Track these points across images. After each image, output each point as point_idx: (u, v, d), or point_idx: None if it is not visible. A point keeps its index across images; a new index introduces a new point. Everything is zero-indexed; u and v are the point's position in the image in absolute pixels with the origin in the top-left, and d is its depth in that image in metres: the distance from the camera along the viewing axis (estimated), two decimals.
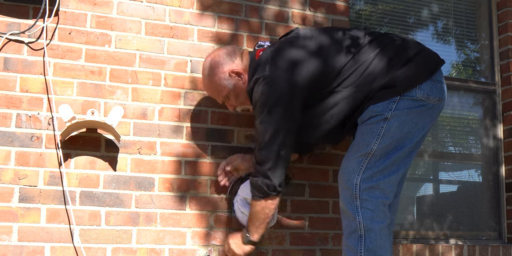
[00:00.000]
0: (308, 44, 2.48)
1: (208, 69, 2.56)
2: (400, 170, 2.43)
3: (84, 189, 2.56)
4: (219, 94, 2.59)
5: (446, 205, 3.55)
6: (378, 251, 2.35)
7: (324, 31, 2.58)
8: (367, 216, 2.36)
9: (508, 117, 3.56)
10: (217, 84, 2.56)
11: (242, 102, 2.59)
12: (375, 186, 2.38)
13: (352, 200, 2.38)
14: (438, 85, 2.45)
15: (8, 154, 2.49)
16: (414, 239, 3.32)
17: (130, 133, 2.67)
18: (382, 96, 2.38)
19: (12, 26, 2.57)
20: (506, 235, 3.49)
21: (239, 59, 2.56)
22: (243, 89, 2.54)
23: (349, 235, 2.40)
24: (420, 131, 2.44)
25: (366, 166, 2.38)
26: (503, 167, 3.56)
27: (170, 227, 2.66)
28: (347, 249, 2.41)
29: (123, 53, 2.71)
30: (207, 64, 2.58)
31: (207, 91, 2.66)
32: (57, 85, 2.59)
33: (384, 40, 2.50)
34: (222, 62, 2.54)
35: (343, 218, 2.45)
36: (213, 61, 2.56)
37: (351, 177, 2.39)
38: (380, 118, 2.38)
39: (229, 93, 2.56)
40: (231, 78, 2.54)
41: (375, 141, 2.38)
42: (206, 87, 2.64)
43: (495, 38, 3.67)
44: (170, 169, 2.70)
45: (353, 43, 2.47)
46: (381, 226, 2.37)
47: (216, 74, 2.54)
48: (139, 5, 2.76)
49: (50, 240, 2.49)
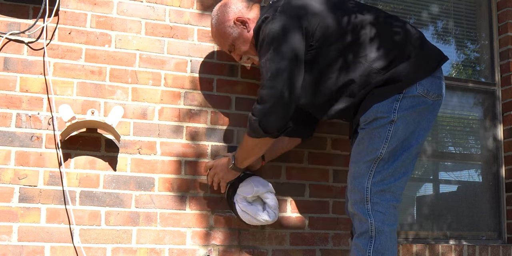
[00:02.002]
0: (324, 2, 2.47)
1: (215, 16, 2.58)
2: (409, 171, 2.42)
3: (84, 189, 2.56)
4: (225, 43, 2.59)
5: (446, 205, 3.55)
6: (386, 253, 2.34)
7: None
8: (378, 218, 2.34)
9: (508, 117, 3.56)
10: (222, 32, 2.56)
11: (246, 51, 2.58)
12: (386, 189, 2.37)
13: (363, 203, 2.37)
14: (437, 81, 2.44)
15: (8, 154, 2.49)
16: (414, 239, 3.32)
17: (130, 133, 2.67)
18: (385, 92, 2.36)
19: (12, 26, 2.57)
20: (506, 235, 3.49)
21: (247, 8, 2.56)
22: (248, 38, 2.53)
23: (359, 235, 2.39)
24: (424, 130, 2.43)
25: (376, 170, 2.37)
26: (503, 167, 3.56)
27: (170, 227, 2.66)
28: (355, 248, 2.40)
29: (123, 53, 2.71)
30: (215, 12, 2.59)
31: (214, 40, 2.68)
32: (57, 85, 2.59)
33: (389, 28, 2.47)
34: (229, 10, 2.55)
35: (354, 220, 2.43)
36: (220, 9, 2.58)
37: (362, 181, 2.37)
38: (387, 121, 2.36)
39: (234, 42, 2.56)
40: (236, 26, 2.54)
41: (384, 145, 2.36)
42: (213, 35, 2.65)
43: (495, 38, 3.67)
44: (170, 169, 2.70)
45: (360, 24, 2.44)
46: (392, 229, 2.36)
47: (222, 22, 2.55)
48: (139, 5, 2.76)
49: (50, 240, 2.49)
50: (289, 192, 2.87)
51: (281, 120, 2.37)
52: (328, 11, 2.44)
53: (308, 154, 2.91)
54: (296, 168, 2.88)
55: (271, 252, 2.80)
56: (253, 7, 2.58)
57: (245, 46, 2.56)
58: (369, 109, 2.38)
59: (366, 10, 2.52)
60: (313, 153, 2.92)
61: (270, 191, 2.68)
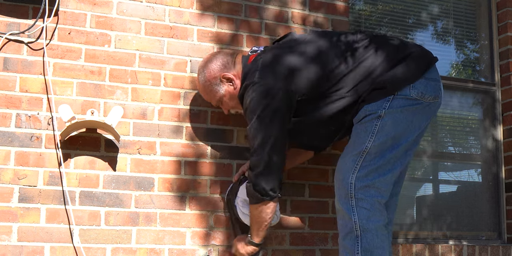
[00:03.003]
0: (301, 49, 2.48)
1: (202, 74, 2.60)
2: (396, 168, 2.43)
3: (84, 189, 2.56)
4: (212, 98, 2.62)
5: (445, 205, 3.55)
6: (375, 251, 2.34)
7: (317, 35, 2.58)
8: (363, 215, 2.35)
9: (507, 117, 3.57)
10: (209, 89, 2.59)
11: (234, 106, 2.61)
12: (370, 184, 2.37)
13: (347, 199, 2.38)
14: (432, 83, 2.44)
15: (7, 154, 2.49)
16: (414, 239, 3.32)
17: (129, 133, 2.67)
18: (374, 96, 2.39)
19: (11, 26, 2.56)
20: (506, 235, 3.49)
21: (232, 64, 2.58)
22: (234, 95, 2.56)
23: (345, 236, 2.38)
24: (415, 130, 2.43)
25: (361, 165, 2.38)
26: (502, 167, 3.56)
27: (169, 227, 2.66)
28: (343, 250, 2.40)
29: (122, 53, 2.71)
30: (200, 69, 2.61)
31: (202, 94, 2.68)
32: (57, 85, 2.59)
33: (378, 42, 2.49)
34: (214, 68, 2.57)
35: (339, 219, 2.44)
36: (206, 66, 2.59)
37: (346, 176, 2.39)
38: (374, 116, 2.38)
39: (221, 98, 2.59)
40: (222, 83, 2.56)
41: (369, 138, 2.37)
42: (200, 91, 2.67)
43: (495, 38, 3.67)
44: (170, 169, 2.70)
45: (347, 47, 2.47)
46: (378, 226, 2.36)
47: (208, 80, 2.57)
48: (139, 5, 2.76)
49: (50, 240, 2.49)
50: (289, 192, 2.87)
51: (273, 181, 2.43)
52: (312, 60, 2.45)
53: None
54: (296, 168, 2.88)
55: (271, 252, 2.80)
56: (236, 60, 2.59)
57: (232, 101, 2.59)
58: (360, 110, 2.41)
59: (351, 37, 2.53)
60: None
61: None
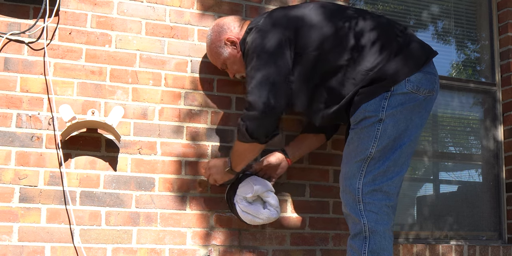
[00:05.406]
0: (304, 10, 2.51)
1: (209, 36, 2.66)
2: (403, 170, 2.41)
3: (85, 189, 2.56)
4: (217, 62, 2.67)
5: (446, 205, 3.55)
6: (381, 253, 2.34)
7: (322, 6, 2.57)
8: (371, 218, 2.35)
9: (508, 117, 3.56)
10: (214, 51, 2.65)
11: (238, 70, 2.65)
12: (378, 189, 2.36)
13: (355, 204, 2.37)
14: (427, 77, 2.42)
15: (8, 154, 2.49)
16: (415, 239, 3.32)
17: (130, 133, 2.67)
18: (372, 91, 2.36)
19: (12, 26, 2.57)
20: (507, 235, 3.49)
21: (238, 28, 2.62)
22: (238, 58, 2.59)
23: (354, 236, 2.39)
24: (417, 128, 2.41)
25: (366, 170, 2.37)
26: (503, 168, 3.56)
27: (170, 227, 2.66)
28: (351, 250, 2.40)
29: (123, 53, 2.71)
30: (209, 32, 2.67)
31: (208, 57, 2.73)
32: (58, 85, 2.59)
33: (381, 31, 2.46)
34: (221, 31, 2.62)
35: (348, 221, 2.44)
36: (214, 29, 2.65)
37: (352, 182, 2.38)
38: (375, 120, 2.36)
39: (225, 61, 2.64)
40: (227, 46, 2.61)
41: (373, 144, 2.35)
42: (207, 53, 2.72)
43: (495, 38, 3.67)
44: (171, 169, 2.70)
45: (351, 34, 2.45)
46: (385, 228, 2.36)
47: (213, 42, 2.63)
48: (140, 5, 2.76)
49: (51, 240, 2.49)
50: (289, 192, 2.87)
51: (267, 126, 2.40)
52: (312, 19, 2.46)
53: (308, 154, 2.90)
54: (296, 168, 2.88)
55: (271, 252, 2.80)
56: (244, 25, 2.63)
57: (236, 65, 2.63)
58: (358, 109, 2.38)
59: (341, 12, 2.53)
60: (313, 153, 2.92)
61: (270, 190, 2.68)
